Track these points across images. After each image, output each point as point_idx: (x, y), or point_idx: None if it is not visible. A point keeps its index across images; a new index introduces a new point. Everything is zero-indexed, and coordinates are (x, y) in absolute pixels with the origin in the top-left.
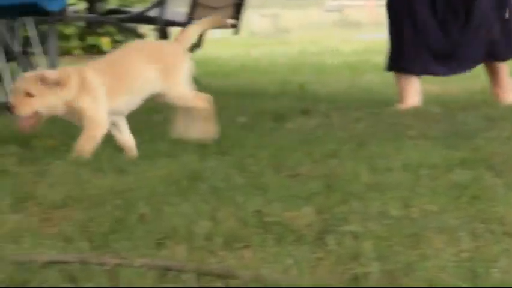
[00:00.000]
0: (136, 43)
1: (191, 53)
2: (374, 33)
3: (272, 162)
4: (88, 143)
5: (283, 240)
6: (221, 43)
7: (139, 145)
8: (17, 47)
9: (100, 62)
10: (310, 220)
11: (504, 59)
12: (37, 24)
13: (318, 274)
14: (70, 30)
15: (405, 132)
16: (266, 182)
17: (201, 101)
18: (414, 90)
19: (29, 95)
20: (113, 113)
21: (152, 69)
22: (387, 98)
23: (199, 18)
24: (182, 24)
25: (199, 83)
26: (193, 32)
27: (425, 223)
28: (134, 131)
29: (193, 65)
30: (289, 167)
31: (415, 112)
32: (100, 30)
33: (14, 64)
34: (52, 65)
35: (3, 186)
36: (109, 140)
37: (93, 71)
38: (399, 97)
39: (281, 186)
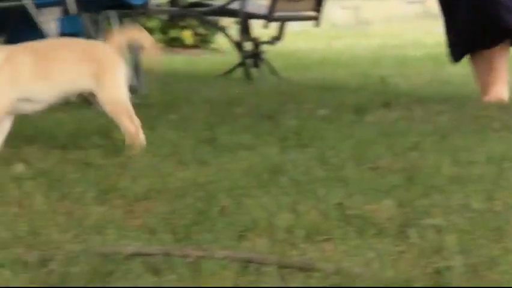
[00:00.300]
0: (73, 39)
1: (271, 46)
2: None
3: (353, 154)
4: None
5: (365, 233)
6: (301, 36)
7: (220, 136)
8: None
9: (36, 44)
10: (391, 213)
11: None
12: (120, 17)
13: (400, 267)
14: (152, 23)
15: (489, 124)
16: (347, 175)
17: (129, 122)
18: (500, 81)
19: None
20: (28, 99)
21: (83, 65)
22: (470, 90)
23: (280, 10)
24: (264, 17)
25: (280, 77)
26: (126, 37)
27: (508, 216)
28: (215, 123)
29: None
30: (370, 160)
31: (499, 104)
32: (182, 24)
33: None
34: (135, 59)
35: (87, 178)
36: (190, 132)
37: (24, 49)
38: (483, 89)
39: (362, 179)
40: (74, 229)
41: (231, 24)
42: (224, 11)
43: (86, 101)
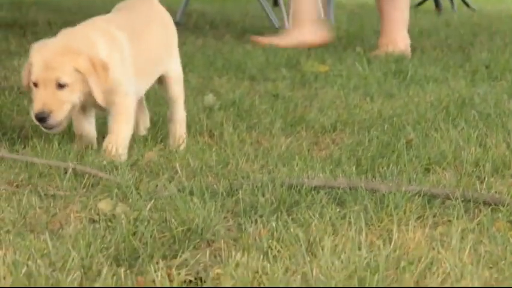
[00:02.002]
0: None
1: None
2: None
3: None
4: None
5: None
6: None
7: (408, 69)
8: None
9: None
10: None
11: None
12: None
13: None
14: None
15: None
16: None
17: None
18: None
19: None
20: None
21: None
22: None
23: None
24: None
25: (471, 8)
26: None
27: None
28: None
29: None
30: None
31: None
32: None
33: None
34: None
35: (275, 109)
36: (377, 64)
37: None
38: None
39: None
40: (262, 159)
41: None
42: None
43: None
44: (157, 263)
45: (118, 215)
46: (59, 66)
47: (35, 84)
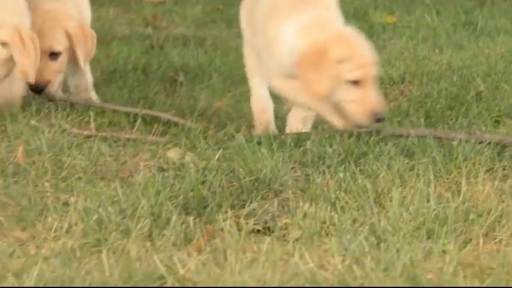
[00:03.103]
0: None
1: None
2: None
3: None
4: None
5: None
6: None
7: (478, 20)
8: None
9: None
10: None
11: None
12: None
13: None
14: None
15: None
16: None
17: None
18: None
19: None
20: None
21: None
22: None
23: None
24: None
25: None
26: None
27: None
28: (473, 7)
29: None
30: None
31: None
32: None
33: None
34: None
35: None
36: (446, 15)
37: None
38: None
39: None
40: None
41: None
42: None
43: None
44: (225, 212)
45: (186, 164)
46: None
47: None
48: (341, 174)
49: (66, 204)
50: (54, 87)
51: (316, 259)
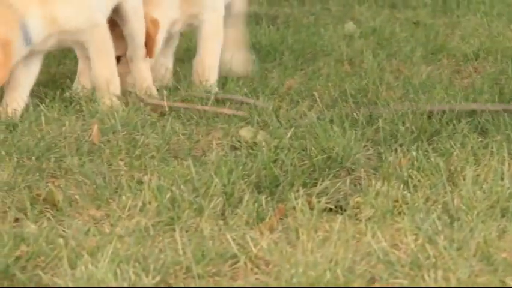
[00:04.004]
0: None
1: None
2: None
3: None
4: None
5: None
6: None
7: None
8: None
9: None
10: None
11: None
12: None
13: None
14: None
15: None
16: None
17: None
18: None
19: None
20: None
21: None
22: None
23: None
24: None
25: None
26: None
27: None
28: None
29: None
30: None
31: None
32: None
33: None
34: None
35: (416, 37)
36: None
37: None
38: None
39: None
40: (402, 88)
41: None
42: None
43: None
44: (297, 190)
45: (259, 143)
46: None
47: None
48: (414, 153)
49: (140, 182)
50: None
51: (389, 238)
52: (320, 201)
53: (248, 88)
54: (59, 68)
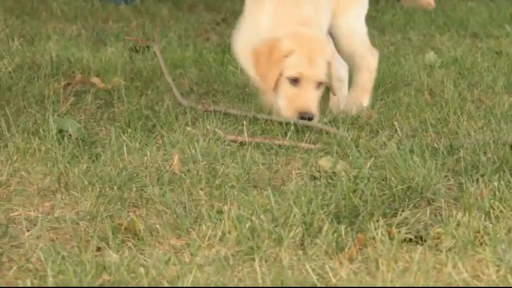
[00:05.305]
0: None
1: None
2: None
3: None
4: None
5: None
6: None
7: None
8: None
9: None
10: None
11: None
12: None
13: None
14: None
15: None
16: None
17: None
18: None
19: None
20: None
21: None
22: None
23: None
24: None
25: None
26: None
27: None
28: None
29: None
30: None
31: None
32: None
33: None
34: None
35: (498, 67)
36: None
37: None
38: None
39: None
40: (483, 118)
41: None
42: None
43: None
44: (377, 220)
45: (338, 172)
46: None
47: None
48: (496, 183)
49: (220, 212)
50: None
51: (470, 269)
52: (399, 232)
53: (328, 117)
54: (141, 98)
